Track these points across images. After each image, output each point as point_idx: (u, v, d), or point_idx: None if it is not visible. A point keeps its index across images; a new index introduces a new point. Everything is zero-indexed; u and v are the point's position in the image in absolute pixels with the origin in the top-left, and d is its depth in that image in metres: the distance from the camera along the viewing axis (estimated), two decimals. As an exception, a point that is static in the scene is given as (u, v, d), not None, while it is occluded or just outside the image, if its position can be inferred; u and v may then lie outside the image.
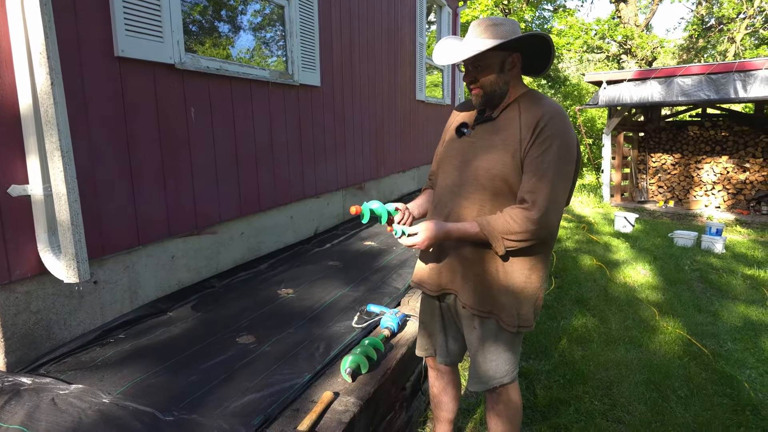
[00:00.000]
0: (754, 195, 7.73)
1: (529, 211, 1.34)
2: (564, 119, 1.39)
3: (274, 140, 3.28)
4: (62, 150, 1.72)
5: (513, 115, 1.42)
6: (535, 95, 1.46)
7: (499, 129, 1.43)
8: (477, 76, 1.44)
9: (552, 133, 1.35)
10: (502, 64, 1.42)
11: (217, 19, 3.03)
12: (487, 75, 1.42)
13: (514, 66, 1.44)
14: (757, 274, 4.56)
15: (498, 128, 1.44)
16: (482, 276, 1.47)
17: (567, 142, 1.37)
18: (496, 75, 1.42)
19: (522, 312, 1.47)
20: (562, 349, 2.97)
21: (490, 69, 1.42)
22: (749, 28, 13.98)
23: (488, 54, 1.39)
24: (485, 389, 1.55)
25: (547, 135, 1.35)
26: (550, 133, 1.35)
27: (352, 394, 1.63)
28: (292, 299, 2.60)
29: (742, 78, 6.81)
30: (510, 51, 1.42)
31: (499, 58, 1.42)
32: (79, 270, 1.82)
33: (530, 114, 1.39)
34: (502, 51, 1.40)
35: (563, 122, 1.38)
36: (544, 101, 1.43)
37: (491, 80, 1.42)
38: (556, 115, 1.37)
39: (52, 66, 1.68)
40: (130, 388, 1.73)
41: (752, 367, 2.81)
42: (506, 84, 1.44)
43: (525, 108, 1.41)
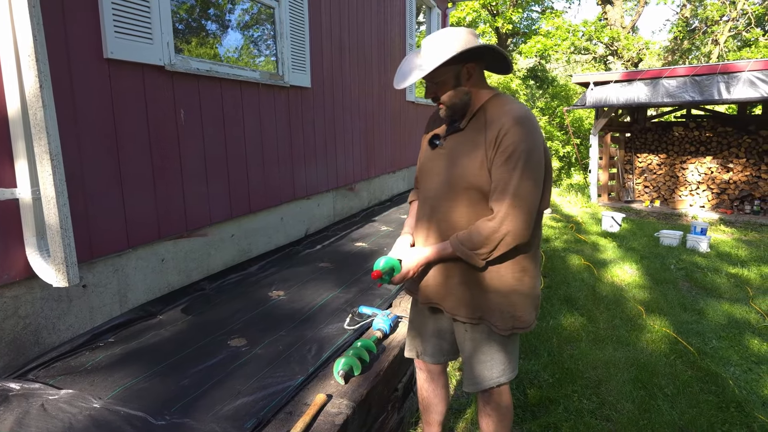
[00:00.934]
0: (738, 194, 7.90)
1: (491, 221, 1.37)
2: (526, 123, 1.38)
3: (265, 141, 3.28)
4: (51, 153, 1.71)
5: (479, 124, 1.44)
6: (499, 101, 1.45)
7: (467, 138, 1.45)
8: (436, 92, 1.46)
9: (514, 140, 1.35)
10: (457, 77, 1.43)
11: (206, 20, 3.01)
12: (445, 90, 1.44)
13: (471, 75, 1.44)
14: (741, 273, 4.65)
15: (466, 138, 1.46)
16: (468, 284, 1.49)
17: (529, 147, 1.36)
18: (454, 88, 1.43)
19: (518, 314, 1.48)
20: (551, 349, 3.01)
21: (446, 84, 1.43)
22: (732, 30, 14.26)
23: (440, 71, 1.39)
24: (479, 390, 1.57)
25: (508, 143, 1.35)
26: (512, 140, 1.35)
27: (345, 397, 1.64)
28: (283, 301, 2.60)
29: (725, 80, 6.95)
30: (463, 62, 1.42)
31: (452, 72, 1.41)
32: (69, 274, 1.80)
33: (493, 121, 1.40)
34: (454, 65, 1.40)
35: (525, 126, 1.38)
36: (507, 107, 1.42)
37: (450, 94, 1.44)
38: (519, 120, 1.37)
39: (40, 69, 1.66)
40: (121, 393, 1.73)
41: (736, 365, 2.87)
42: (467, 94, 1.45)
43: (489, 115, 1.42)
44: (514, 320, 1.48)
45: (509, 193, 1.35)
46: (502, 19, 14.47)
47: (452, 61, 1.38)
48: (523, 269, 1.48)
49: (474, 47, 1.38)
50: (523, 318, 1.49)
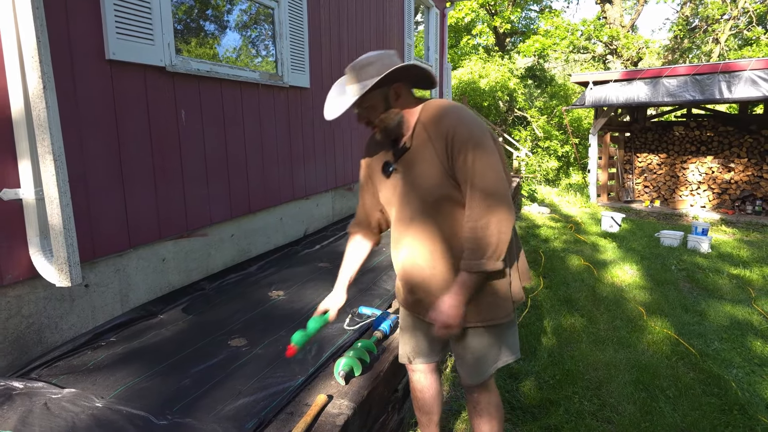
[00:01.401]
0: (739, 195, 7.89)
1: (473, 221, 1.37)
2: (459, 115, 1.42)
3: (264, 142, 3.29)
4: (54, 154, 1.72)
5: (423, 138, 1.45)
6: (428, 108, 1.47)
7: (418, 155, 1.46)
8: (368, 117, 1.47)
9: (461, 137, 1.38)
10: (386, 100, 1.44)
11: (207, 22, 3.02)
12: (377, 113, 1.45)
13: (399, 95, 1.46)
14: (743, 274, 4.63)
15: (416, 155, 1.46)
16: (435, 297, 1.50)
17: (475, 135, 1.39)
18: (385, 111, 1.45)
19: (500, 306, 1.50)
20: (551, 350, 3.02)
21: (376, 108, 1.45)
22: (733, 29, 14.23)
23: (368, 95, 1.41)
24: (482, 380, 1.59)
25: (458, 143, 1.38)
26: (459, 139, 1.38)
27: (346, 397, 1.65)
28: (283, 301, 2.61)
29: (727, 79, 6.94)
30: (389, 84, 1.43)
31: (380, 95, 1.43)
32: (71, 273, 1.81)
33: (436, 131, 1.42)
34: (381, 88, 1.42)
35: (460, 118, 1.41)
36: (439, 112, 1.44)
37: (382, 118, 1.45)
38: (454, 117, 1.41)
39: (44, 70, 1.67)
40: (123, 392, 1.74)
41: (739, 367, 2.85)
42: (398, 114, 1.46)
43: (428, 125, 1.44)
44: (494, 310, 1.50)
45: (478, 187, 1.37)
46: (500, 19, 14.45)
47: (379, 84, 1.40)
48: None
49: (398, 68, 1.39)
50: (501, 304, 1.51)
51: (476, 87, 13.04)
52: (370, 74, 1.40)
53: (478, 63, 13.77)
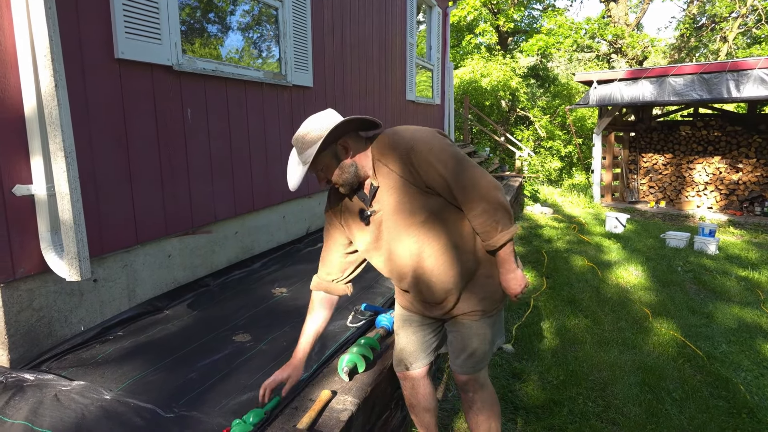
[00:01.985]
0: (747, 195, 7.82)
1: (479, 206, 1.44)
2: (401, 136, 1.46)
3: (268, 140, 3.32)
4: (65, 151, 1.75)
5: (385, 172, 1.47)
6: (378, 146, 1.49)
7: (388, 189, 1.48)
8: (326, 176, 1.50)
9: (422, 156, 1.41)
10: (336, 157, 1.47)
11: (213, 21, 3.05)
12: (332, 171, 1.48)
13: (348, 148, 1.48)
14: (752, 276, 4.58)
15: (387, 189, 1.49)
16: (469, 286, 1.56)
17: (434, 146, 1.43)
18: (339, 167, 1.47)
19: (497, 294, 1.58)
20: (554, 350, 3.02)
21: (330, 167, 1.48)
22: (742, 27, 14.09)
23: (318, 159, 1.44)
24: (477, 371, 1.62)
25: (421, 161, 1.41)
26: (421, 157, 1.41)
27: (350, 393, 1.67)
28: (286, 298, 2.64)
29: (735, 78, 6.87)
30: (333, 142, 1.46)
31: (327, 156, 1.46)
32: (81, 268, 1.85)
33: (391, 160, 1.45)
34: (327, 149, 1.45)
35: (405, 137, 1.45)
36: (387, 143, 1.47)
37: (338, 174, 1.48)
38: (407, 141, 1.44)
39: (56, 68, 1.70)
40: (131, 385, 1.77)
41: (747, 370, 2.82)
42: (352, 165, 1.48)
43: (384, 159, 1.47)
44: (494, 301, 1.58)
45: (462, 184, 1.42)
46: (503, 17, 14.39)
47: (324, 147, 1.42)
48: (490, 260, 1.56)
49: (333, 127, 1.41)
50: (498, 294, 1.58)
51: (478, 86, 13.00)
52: (312, 141, 1.43)
53: (480, 62, 13.73)
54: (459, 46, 15.81)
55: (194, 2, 2.81)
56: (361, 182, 1.52)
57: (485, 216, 1.44)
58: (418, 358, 1.71)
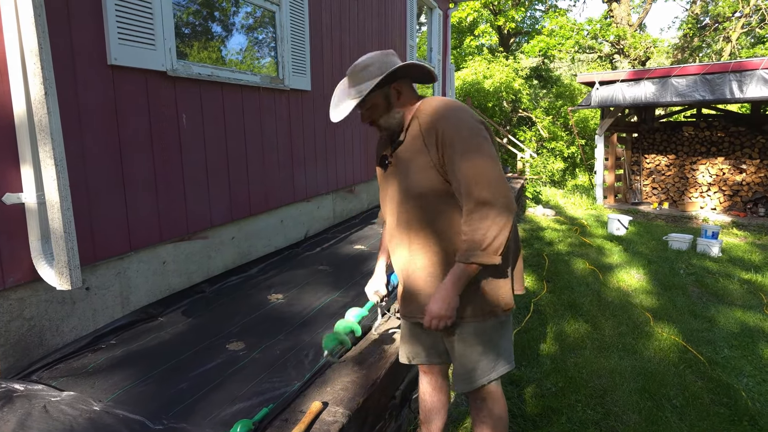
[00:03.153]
0: (751, 197, 7.75)
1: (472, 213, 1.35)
2: (451, 111, 1.43)
3: (265, 144, 3.30)
4: (56, 159, 1.74)
5: (415, 131, 1.48)
6: (425, 104, 1.50)
7: (408, 148, 1.50)
8: (371, 116, 1.52)
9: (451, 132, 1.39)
10: (387, 99, 1.49)
11: (208, 26, 3.04)
12: (379, 113, 1.50)
13: (400, 94, 1.50)
14: (755, 279, 4.53)
15: (407, 147, 1.50)
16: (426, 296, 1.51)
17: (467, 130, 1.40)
18: (386, 110, 1.49)
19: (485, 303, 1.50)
20: (554, 356, 2.98)
21: (378, 107, 1.49)
22: (745, 27, 13.99)
23: (370, 96, 1.46)
24: (473, 388, 1.56)
25: (449, 137, 1.39)
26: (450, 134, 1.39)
27: (341, 405, 1.65)
28: (282, 304, 2.62)
29: (738, 78, 6.82)
30: (390, 83, 1.47)
31: (380, 95, 1.48)
32: (72, 277, 1.83)
33: (427, 124, 1.45)
34: (382, 87, 1.46)
35: (452, 114, 1.42)
36: (432, 108, 1.47)
37: (384, 117, 1.50)
38: (445, 113, 1.42)
39: (46, 76, 1.69)
40: (121, 395, 1.75)
41: (750, 376, 2.78)
42: (399, 113, 1.50)
43: (422, 121, 1.47)
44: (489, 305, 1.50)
45: (473, 181, 1.35)
46: (504, 18, 14.35)
47: (379, 85, 1.44)
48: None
49: (397, 67, 1.43)
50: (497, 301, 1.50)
51: (480, 88, 12.96)
52: (370, 75, 1.44)
53: (482, 63, 13.69)
54: (460, 47, 15.79)
55: (189, 7, 2.79)
56: (400, 130, 1.52)
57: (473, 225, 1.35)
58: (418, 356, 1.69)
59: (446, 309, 1.40)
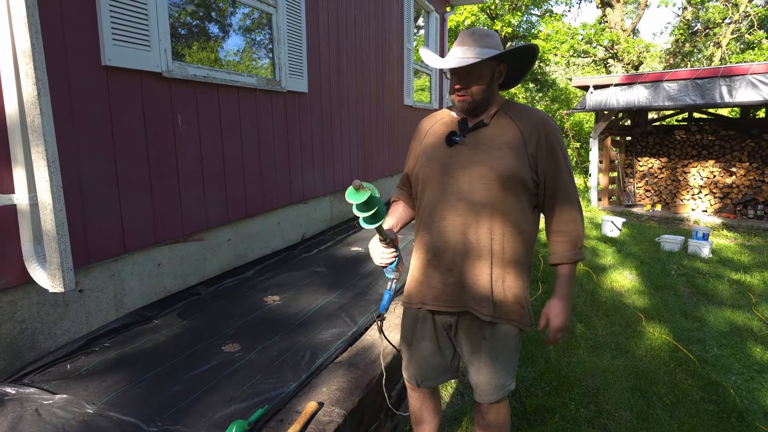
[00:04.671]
0: (741, 199, 7.85)
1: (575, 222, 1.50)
2: (554, 123, 1.53)
3: (262, 146, 3.29)
4: (48, 160, 1.73)
5: (506, 121, 1.48)
6: (517, 104, 1.55)
7: (496, 133, 1.48)
8: (469, 83, 1.46)
9: (559, 146, 1.49)
10: (492, 73, 1.47)
11: (204, 27, 3.03)
12: (479, 83, 1.46)
13: (501, 76, 1.51)
14: (744, 279, 4.59)
15: (494, 132, 1.48)
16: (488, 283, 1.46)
17: (562, 142, 1.53)
18: (487, 84, 1.47)
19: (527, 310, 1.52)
20: (547, 356, 3.00)
21: (482, 78, 1.45)
22: (735, 32, 14.21)
23: (484, 63, 1.43)
24: (500, 398, 1.54)
25: (556, 149, 1.47)
26: (558, 147, 1.48)
27: (337, 405, 1.65)
28: (278, 306, 2.61)
29: (727, 83, 6.91)
30: (499, 62, 1.48)
31: (491, 67, 1.46)
32: (65, 279, 1.82)
33: (526, 121, 1.48)
34: (494, 61, 1.46)
35: (555, 126, 1.53)
36: (532, 109, 1.54)
37: (482, 88, 1.46)
38: (549, 121, 1.51)
39: (38, 76, 1.68)
40: (115, 398, 1.74)
41: (738, 373, 2.83)
42: (493, 93, 1.50)
43: (516, 115, 1.48)
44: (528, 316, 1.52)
45: (573, 196, 1.50)
46: (501, 23, 14.46)
47: (495, 58, 1.43)
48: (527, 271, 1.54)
49: (522, 46, 1.46)
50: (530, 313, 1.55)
51: (477, 90, 13.00)
52: (491, 44, 1.45)
53: (479, 67, 13.73)
54: (456, 50, 15.83)
55: (185, 8, 2.79)
56: (475, 114, 1.51)
57: (571, 225, 1.48)
58: (428, 377, 1.60)
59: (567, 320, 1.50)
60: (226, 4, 3.11)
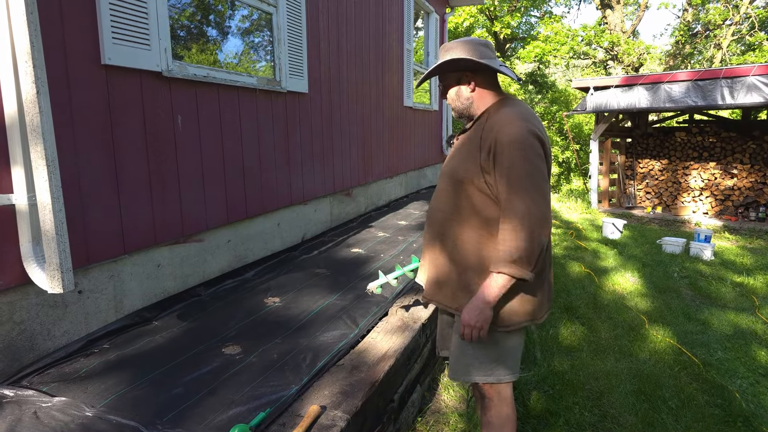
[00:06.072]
0: (742, 201, 7.83)
1: (508, 222, 1.42)
2: (515, 122, 1.43)
3: (262, 147, 3.28)
4: (47, 159, 1.71)
5: (480, 125, 1.53)
6: (500, 107, 1.52)
7: (468, 137, 1.57)
8: (444, 93, 1.63)
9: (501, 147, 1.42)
10: (458, 82, 1.56)
11: (204, 26, 3.02)
12: (448, 90, 1.60)
13: (471, 83, 1.54)
14: (747, 282, 4.58)
15: (468, 137, 1.57)
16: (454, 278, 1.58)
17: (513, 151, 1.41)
18: (456, 92, 1.57)
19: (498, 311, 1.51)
20: (551, 359, 2.98)
21: (449, 87, 1.59)
22: (735, 34, 14.21)
23: (445, 74, 1.57)
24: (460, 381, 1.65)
25: (499, 150, 1.42)
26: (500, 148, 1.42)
27: (339, 408, 1.62)
28: (278, 308, 2.59)
29: (729, 84, 6.90)
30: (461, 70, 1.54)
31: (453, 78, 1.57)
32: (64, 280, 1.79)
33: (491, 128, 1.47)
34: (455, 72, 1.55)
35: (515, 126, 1.42)
36: (506, 117, 1.47)
37: (453, 98, 1.59)
38: (509, 123, 1.43)
39: (37, 74, 1.66)
40: (114, 401, 1.71)
41: (743, 377, 2.81)
42: (468, 100, 1.56)
43: (490, 120, 1.50)
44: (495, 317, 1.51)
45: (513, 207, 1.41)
46: (500, 24, 14.47)
47: (450, 68, 1.53)
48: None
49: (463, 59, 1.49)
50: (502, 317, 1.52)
51: (477, 92, 12.99)
52: (448, 55, 1.54)
53: (479, 68, 13.73)
54: (455, 52, 15.84)
55: (185, 7, 2.77)
56: (470, 118, 1.60)
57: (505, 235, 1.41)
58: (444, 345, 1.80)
59: (475, 320, 1.44)
60: (226, 4, 3.10)
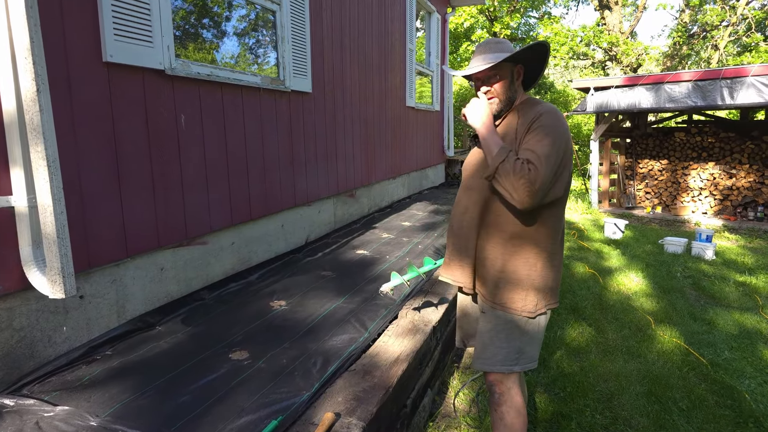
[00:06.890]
0: (741, 201, 7.85)
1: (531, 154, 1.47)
2: (556, 115, 1.55)
3: (265, 147, 3.22)
4: (48, 159, 1.65)
5: (512, 121, 1.61)
6: (532, 100, 1.66)
7: (500, 130, 1.62)
8: (491, 84, 1.63)
9: (544, 123, 1.50)
10: (512, 74, 1.64)
11: (208, 24, 2.96)
12: (500, 84, 1.62)
13: (520, 76, 1.66)
14: (749, 281, 4.58)
15: (508, 124, 1.61)
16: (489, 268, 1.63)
17: (558, 132, 1.50)
18: (509, 83, 1.63)
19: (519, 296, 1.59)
20: (559, 360, 2.95)
21: (501, 78, 1.62)
22: (732, 35, 14.28)
23: (502, 64, 1.61)
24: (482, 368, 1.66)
25: (540, 125, 1.50)
26: (542, 124, 1.50)
27: (354, 415, 1.57)
28: (285, 311, 2.53)
29: (729, 85, 6.91)
30: (515, 62, 1.64)
31: (507, 69, 1.63)
32: (65, 285, 1.73)
33: (527, 115, 1.57)
34: (511, 62, 1.62)
35: (556, 117, 1.54)
36: (540, 104, 1.62)
37: (503, 90, 1.62)
38: (550, 112, 1.54)
39: (38, 72, 1.60)
40: (120, 410, 1.65)
41: (751, 377, 2.79)
42: (515, 92, 1.65)
43: (523, 113, 1.60)
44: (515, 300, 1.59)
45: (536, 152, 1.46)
46: (499, 25, 14.48)
47: (512, 58, 1.59)
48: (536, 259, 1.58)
49: (525, 48, 1.59)
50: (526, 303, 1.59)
51: (476, 92, 13.01)
52: (504, 49, 1.60)
53: (478, 69, 13.74)
54: (456, 52, 15.90)
55: (189, 5, 2.72)
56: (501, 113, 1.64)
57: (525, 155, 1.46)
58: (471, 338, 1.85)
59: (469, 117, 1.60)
60: (229, 1, 3.04)
